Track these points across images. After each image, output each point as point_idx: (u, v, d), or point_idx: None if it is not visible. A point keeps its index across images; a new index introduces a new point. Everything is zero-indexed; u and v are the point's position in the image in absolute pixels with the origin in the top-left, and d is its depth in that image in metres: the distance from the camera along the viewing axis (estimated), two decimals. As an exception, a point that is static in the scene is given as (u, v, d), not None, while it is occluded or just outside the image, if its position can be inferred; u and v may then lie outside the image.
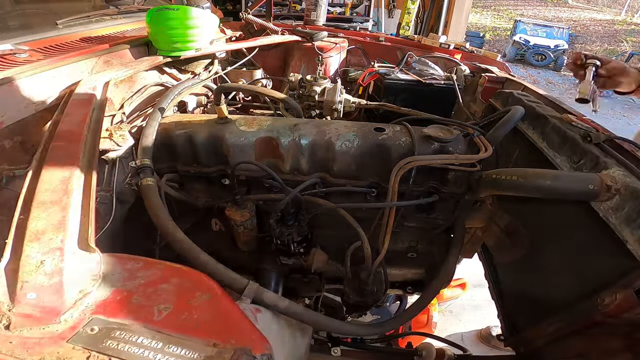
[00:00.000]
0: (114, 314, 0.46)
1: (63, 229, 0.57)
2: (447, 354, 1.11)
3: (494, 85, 1.69)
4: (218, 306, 0.50)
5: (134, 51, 1.39)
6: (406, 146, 1.13)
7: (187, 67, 1.57)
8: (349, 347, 1.12)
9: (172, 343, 0.42)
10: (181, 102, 1.52)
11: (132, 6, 1.75)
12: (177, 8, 1.36)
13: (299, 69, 2.19)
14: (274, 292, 0.70)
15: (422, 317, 2.46)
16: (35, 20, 1.35)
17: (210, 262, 0.74)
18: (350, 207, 1.16)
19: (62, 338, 0.42)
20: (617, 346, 0.80)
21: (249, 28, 2.23)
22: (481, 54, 2.13)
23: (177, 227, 0.81)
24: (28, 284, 0.48)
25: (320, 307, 1.42)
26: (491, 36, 16.11)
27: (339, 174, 1.19)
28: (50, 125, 0.84)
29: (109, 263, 0.56)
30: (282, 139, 1.16)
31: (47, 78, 1.00)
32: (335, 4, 6.61)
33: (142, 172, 0.94)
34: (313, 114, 1.59)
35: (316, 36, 2.10)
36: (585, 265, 0.89)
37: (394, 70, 1.73)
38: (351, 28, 4.01)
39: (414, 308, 1.11)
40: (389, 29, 6.39)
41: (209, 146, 1.19)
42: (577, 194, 0.83)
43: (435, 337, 1.31)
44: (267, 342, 0.45)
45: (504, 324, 1.24)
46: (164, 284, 0.52)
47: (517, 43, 12.68)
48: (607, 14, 18.71)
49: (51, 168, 0.69)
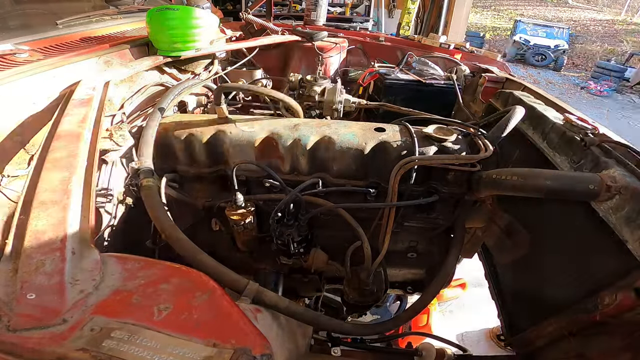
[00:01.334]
0: (114, 314, 0.46)
1: (63, 229, 0.57)
2: (447, 354, 1.11)
3: (494, 85, 1.69)
4: (218, 306, 0.50)
5: (134, 51, 1.39)
6: (406, 146, 1.13)
7: (187, 67, 1.57)
8: (349, 347, 1.12)
9: (172, 343, 0.42)
10: (181, 102, 1.52)
11: (132, 6, 1.75)
12: (177, 8, 1.36)
13: (299, 69, 2.19)
14: (274, 292, 0.70)
15: (422, 317, 2.46)
16: (36, 20, 1.35)
17: (210, 262, 0.74)
18: (350, 207, 1.16)
19: (62, 338, 0.42)
20: (617, 346, 0.80)
21: (249, 28, 2.23)
22: (481, 54, 2.13)
23: (177, 227, 0.81)
24: (28, 284, 0.48)
25: (320, 307, 1.42)
26: (491, 36, 16.11)
27: (339, 174, 1.19)
28: (51, 126, 0.84)
29: (109, 263, 0.56)
30: (282, 139, 1.16)
31: (47, 78, 1.00)
32: (335, 4, 6.61)
33: (142, 172, 0.94)
34: (313, 114, 1.59)
35: (316, 36, 2.10)
36: (585, 265, 0.89)
37: (394, 70, 1.74)
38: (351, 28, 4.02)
39: (414, 308, 1.11)
40: (389, 29, 6.39)
41: (208, 146, 1.19)
42: (577, 194, 0.83)
43: (435, 337, 1.31)
44: (267, 342, 0.45)
45: (504, 324, 1.24)
46: (164, 284, 0.52)
47: (517, 43, 12.67)
48: (607, 14, 18.71)
49: (51, 168, 0.69)
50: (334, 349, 1.04)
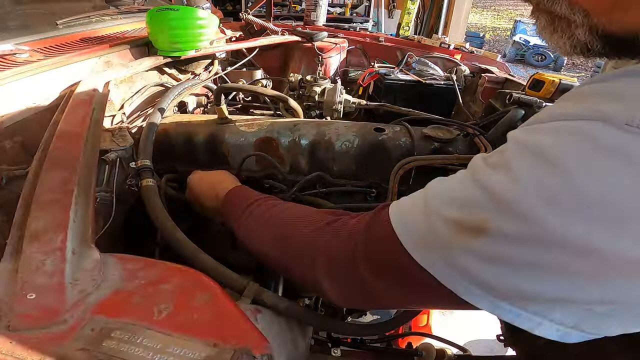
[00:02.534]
0: (114, 314, 0.46)
1: (63, 229, 0.57)
2: (447, 354, 1.11)
3: (494, 85, 1.69)
4: (218, 306, 0.50)
5: (134, 51, 1.39)
6: (406, 146, 1.13)
7: (187, 67, 1.57)
8: (349, 348, 1.12)
9: (172, 343, 0.42)
10: (181, 102, 1.52)
11: (132, 6, 1.75)
12: (178, 8, 1.36)
13: (299, 69, 2.19)
14: (274, 292, 0.70)
15: (422, 317, 2.45)
16: (36, 21, 1.35)
17: (210, 262, 0.74)
18: (350, 207, 1.16)
19: (62, 338, 0.42)
20: (617, 346, 0.80)
21: (249, 28, 2.23)
22: (481, 54, 2.13)
23: (177, 227, 0.81)
24: (28, 284, 0.48)
25: (320, 307, 1.42)
26: (491, 36, 16.12)
27: (339, 174, 1.19)
28: (51, 126, 0.84)
29: (109, 263, 0.56)
30: (282, 139, 1.16)
31: (48, 78, 1.00)
32: (335, 4, 6.61)
33: (142, 172, 0.94)
34: (313, 115, 1.59)
35: (316, 36, 2.10)
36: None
37: (394, 70, 1.74)
38: (351, 28, 4.01)
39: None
40: (389, 29, 6.39)
41: (208, 146, 1.19)
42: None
43: (435, 337, 1.31)
44: (268, 342, 0.45)
45: (504, 324, 1.24)
46: (164, 284, 0.52)
47: (517, 43, 12.68)
48: (607, 14, 18.68)
49: (51, 168, 0.69)
50: (334, 350, 1.04)
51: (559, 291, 0.39)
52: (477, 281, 0.43)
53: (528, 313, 0.42)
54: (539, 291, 0.40)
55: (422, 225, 0.47)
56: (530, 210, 0.36)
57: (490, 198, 0.40)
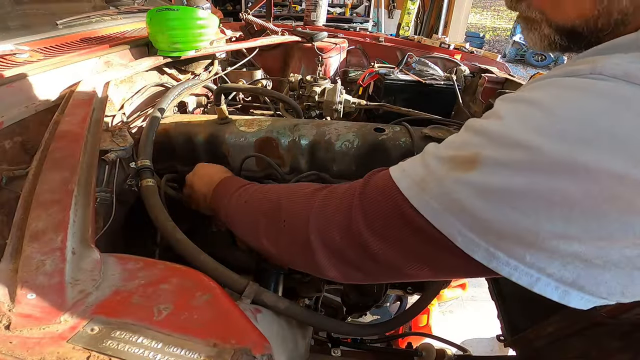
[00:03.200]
0: (114, 314, 0.46)
1: (63, 229, 0.57)
2: (447, 354, 1.11)
3: (493, 85, 1.70)
4: (218, 306, 0.50)
5: (134, 51, 1.39)
6: (406, 146, 1.13)
7: (187, 67, 1.57)
8: (349, 348, 1.12)
9: (172, 343, 0.42)
10: (181, 102, 1.52)
11: (132, 6, 1.75)
12: (178, 8, 1.36)
13: (298, 69, 2.19)
14: (274, 293, 0.70)
15: (422, 317, 2.46)
16: (36, 21, 1.35)
17: (210, 262, 0.74)
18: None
19: (62, 338, 0.42)
20: (617, 346, 0.80)
21: (249, 28, 2.23)
22: (481, 54, 2.13)
23: (177, 227, 0.81)
24: (28, 284, 0.48)
25: (320, 307, 1.42)
26: (491, 36, 16.11)
27: (339, 174, 1.19)
28: (51, 126, 0.84)
29: (109, 263, 0.56)
30: (282, 140, 1.16)
31: (48, 78, 1.00)
32: (335, 4, 6.62)
33: (142, 172, 0.94)
34: (313, 115, 1.59)
35: (316, 37, 2.10)
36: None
37: (393, 70, 1.74)
38: (351, 28, 4.02)
39: (414, 308, 1.11)
40: (389, 29, 6.40)
41: (208, 146, 1.19)
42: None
43: (435, 337, 1.31)
44: (268, 343, 0.45)
45: (504, 325, 1.24)
46: (164, 284, 0.52)
47: (517, 43, 12.67)
48: (606, 14, 18.68)
49: (51, 168, 0.69)
50: (334, 350, 1.04)
51: (556, 228, 0.39)
52: (471, 222, 0.43)
53: (525, 266, 0.42)
54: (534, 230, 0.40)
55: (419, 169, 0.50)
56: (522, 137, 0.40)
57: (483, 135, 0.44)
